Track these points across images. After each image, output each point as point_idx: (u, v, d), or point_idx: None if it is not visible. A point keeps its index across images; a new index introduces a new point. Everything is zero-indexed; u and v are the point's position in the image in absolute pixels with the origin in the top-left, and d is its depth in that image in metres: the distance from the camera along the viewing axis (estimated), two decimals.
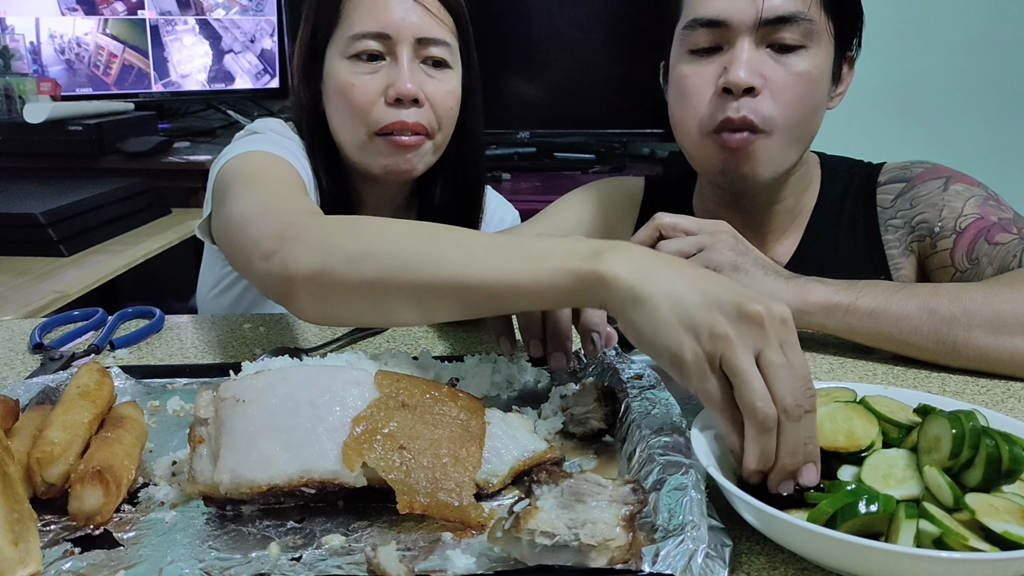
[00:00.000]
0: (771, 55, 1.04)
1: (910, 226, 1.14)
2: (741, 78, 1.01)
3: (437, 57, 1.18)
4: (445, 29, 1.19)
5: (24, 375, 0.92)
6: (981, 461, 0.58)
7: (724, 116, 1.04)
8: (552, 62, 2.78)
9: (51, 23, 2.75)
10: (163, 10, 2.94)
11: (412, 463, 0.60)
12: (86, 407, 0.67)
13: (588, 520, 0.52)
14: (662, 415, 0.68)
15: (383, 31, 1.15)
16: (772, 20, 1.02)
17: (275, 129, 1.23)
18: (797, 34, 1.03)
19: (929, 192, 1.13)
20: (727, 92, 1.04)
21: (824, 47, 1.06)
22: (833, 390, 0.71)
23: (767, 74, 1.03)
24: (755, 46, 1.03)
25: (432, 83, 1.18)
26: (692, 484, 0.57)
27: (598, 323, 0.79)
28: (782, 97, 1.04)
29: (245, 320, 1.14)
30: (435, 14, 1.18)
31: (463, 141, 1.30)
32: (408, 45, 1.16)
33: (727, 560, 0.52)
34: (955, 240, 1.09)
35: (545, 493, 0.55)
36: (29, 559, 0.52)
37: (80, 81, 2.82)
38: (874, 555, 0.50)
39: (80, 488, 0.59)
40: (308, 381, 0.65)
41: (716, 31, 1.05)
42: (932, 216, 1.12)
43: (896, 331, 0.91)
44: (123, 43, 2.89)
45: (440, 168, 1.29)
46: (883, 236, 1.16)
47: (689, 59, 1.09)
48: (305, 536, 0.58)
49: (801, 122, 1.07)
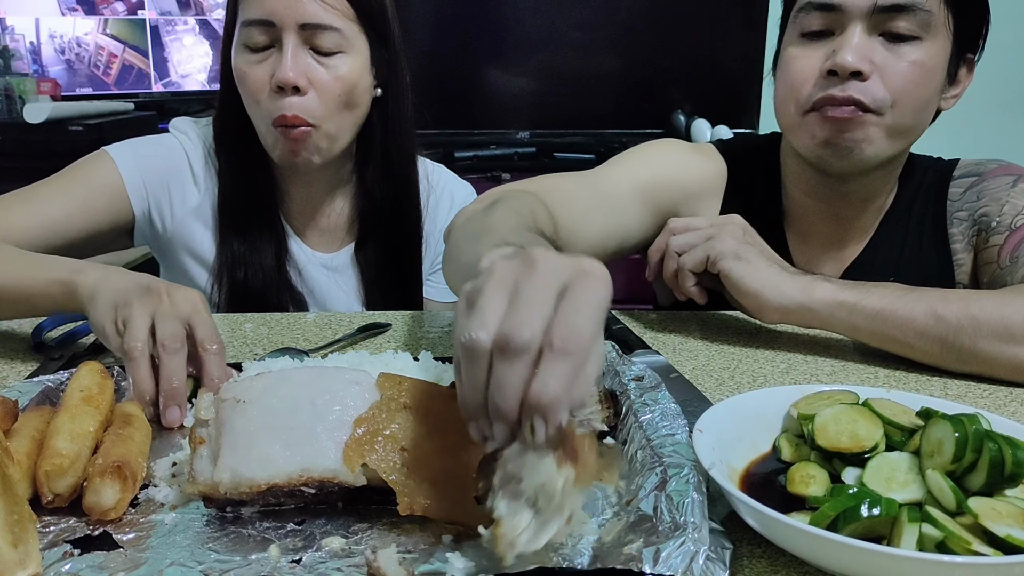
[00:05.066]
0: (883, 43, 1.01)
1: (972, 219, 1.12)
2: (849, 61, 0.99)
3: (325, 44, 1.17)
4: (335, 14, 1.17)
5: (24, 374, 0.92)
6: (984, 465, 0.58)
7: (825, 94, 1.02)
8: (552, 62, 2.78)
9: (51, 23, 2.75)
10: (163, 10, 2.94)
11: (413, 465, 0.59)
12: (91, 414, 0.66)
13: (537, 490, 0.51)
14: (663, 417, 0.68)
15: (266, 18, 1.16)
16: (888, 7, 0.99)
17: (178, 127, 1.32)
18: (913, 24, 1.00)
19: (997, 187, 1.11)
20: (832, 75, 1.01)
21: (940, 41, 1.03)
22: (836, 392, 0.71)
23: (877, 61, 1.01)
24: (867, 33, 1.01)
25: (319, 70, 1.18)
26: (693, 486, 0.57)
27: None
28: (892, 83, 1.01)
29: (247, 320, 1.14)
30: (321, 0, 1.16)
31: (387, 123, 1.30)
32: (292, 32, 1.16)
33: (728, 563, 0.52)
34: (1007, 237, 1.06)
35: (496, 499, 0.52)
36: (28, 561, 0.52)
37: (80, 81, 2.82)
38: (877, 559, 0.50)
39: (99, 482, 0.59)
40: (308, 381, 0.65)
41: (829, 15, 1.03)
42: (994, 210, 1.09)
43: (901, 334, 0.91)
44: (123, 43, 2.89)
45: (370, 152, 1.30)
46: (949, 230, 1.14)
47: (800, 42, 1.07)
48: (305, 538, 0.58)
49: (911, 112, 1.04)
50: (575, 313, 0.50)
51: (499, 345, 0.49)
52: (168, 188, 1.28)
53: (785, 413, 0.70)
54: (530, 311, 0.50)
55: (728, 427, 0.66)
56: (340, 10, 1.18)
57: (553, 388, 0.49)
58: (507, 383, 0.49)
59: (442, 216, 1.40)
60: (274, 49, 1.18)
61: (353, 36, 1.20)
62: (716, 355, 0.99)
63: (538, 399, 0.49)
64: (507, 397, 0.49)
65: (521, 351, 0.49)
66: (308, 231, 1.35)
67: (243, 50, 1.20)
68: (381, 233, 1.34)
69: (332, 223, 1.35)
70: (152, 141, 1.31)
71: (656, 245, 0.99)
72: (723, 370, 0.94)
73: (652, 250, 0.98)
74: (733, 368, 0.94)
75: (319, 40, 1.17)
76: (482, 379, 0.50)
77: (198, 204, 1.29)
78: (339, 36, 1.18)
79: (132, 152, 1.27)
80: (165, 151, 1.29)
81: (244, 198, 1.28)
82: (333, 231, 1.36)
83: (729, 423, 0.66)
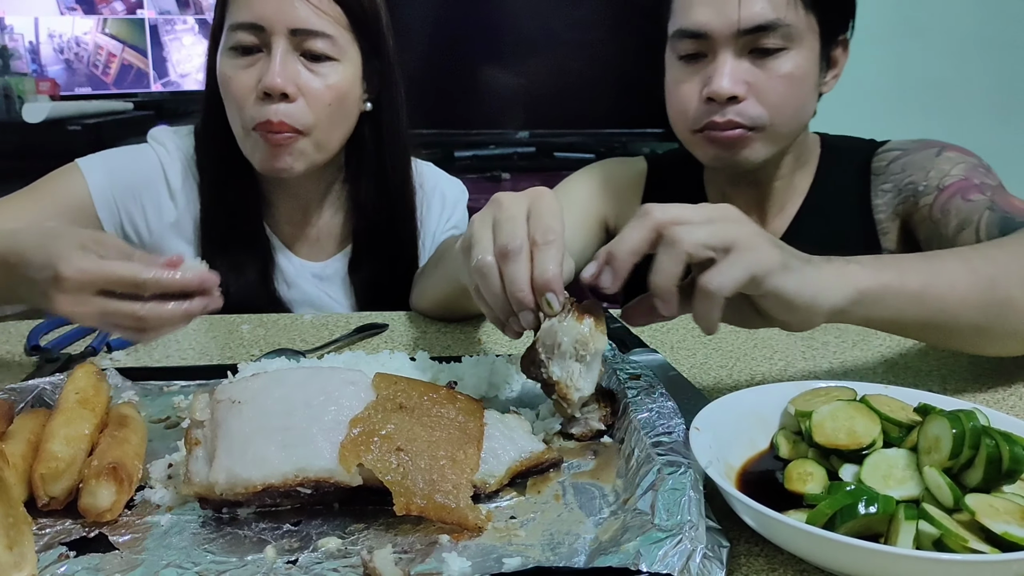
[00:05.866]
0: (753, 61, 1.08)
1: (898, 188, 1.17)
2: (724, 88, 1.07)
3: (316, 50, 1.14)
4: (327, 20, 1.14)
5: (20, 377, 0.91)
6: (981, 461, 0.58)
7: (709, 120, 1.10)
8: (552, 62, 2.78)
9: (50, 23, 2.75)
10: (162, 9, 2.94)
11: (409, 465, 0.59)
12: (86, 417, 0.66)
13: (573, 343, 0.70)
14: (660, 415, 0.68)
15: (256, 21, 1.13)
16: (751, 29, 1.06)
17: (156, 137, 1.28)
18: (778, 38, 1.07)
19: (922, 159, 1.16)
20: (711, 100, 1.09)
21: (807, 45, 1.10)
22: (833, 389, 0.70)
23: (750, 80, 1.08)
24: (736, 55, 1.08)
25: (309, 76, 1.14)
26: (690, 484, 0.57)
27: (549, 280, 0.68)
28: (768, 99, 1.08)
29: (243, 321, 1.14)
30: (314, 4, 1.13)
31: (382, 137, 1.26)
32: (283, 36, 1.12)
33: (724, 561, 0.52)
34: (936, 196, 1.11)
35: (550, 368, 0.71)
36: (24, 563, 0.52)
37: (79, 81, 2.82)
38: (873, 557, 0.50)
39: (95, 484, 0.59)
40: (303, 382, 0.65)
41: (699, 41, 1.10)
42: (919, 178, 1.14)
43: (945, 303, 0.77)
44: (122, 42, 2.89)
45: (363, 167, 1.27)
46: (873, 201, 1.19)
47: (679, 65, 1.14)
48: (301, 539, 0.58)
49: (790, 118, 1.12)
50: (544, 217, 0.68)
51: (501, 255, 0.68)
52: (141, 202, 1.25)
53: (783, 410, 0.70)
54: (512, 227, 0.68)
55: (725, 425, 0.66)
56: (333, 16, 1.15)
57: (551, 267, 0.67)
58: (517, 277, 0.67)
59: (434, 217, 1.38)
60: (262, 54, 1.14)
61: (346, 44, 1.17)
62: (714, 353, 0.99)
63: (543, 278, 0.67)
64: (522, 286, 0.67)
65: (518, 252, 0.67)
66: (297, 242, 1.32)
67: (230, 54, 1.16)
68: (375, 250, 1.31)
69: (321, 232, 1.32)
70: (126, 153, 1.27)
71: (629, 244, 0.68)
72: (720, 368, 0.94)
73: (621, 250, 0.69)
74: (731, 366, 0.94)
75: (310, 46, 1.14)
76: (498, 286, 0.68)
77: (176, 219, 1.26)
78: (331, 43, 1.15)
79: (104, 165, 1.23)
80: (138, 164, 1.25)
81: (227, 212, 1.25)
82: (323, 240, 1.33)
83: (726, 421, 0.66)
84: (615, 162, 1.41)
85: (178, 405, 0.81)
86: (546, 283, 0.67)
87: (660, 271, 0.68)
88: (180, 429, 0.76)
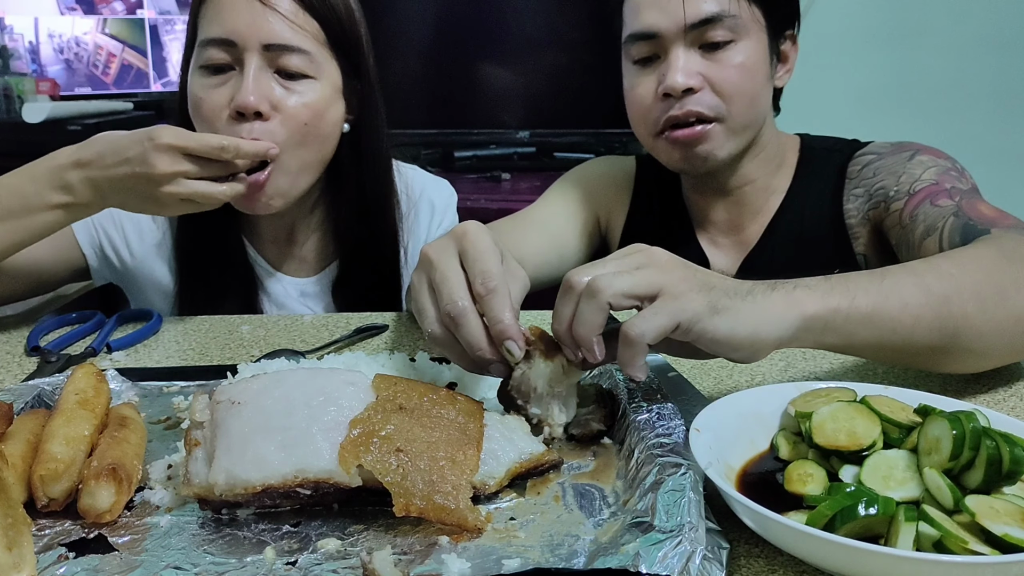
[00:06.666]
0: (704, 55, 1.11)
1: (868, 194, 1.17)
2: (678, 82, 1.09)
3: (291, 67, 1.08)
4: (303, 35, 1.08)
5: (20, 377, 0.92)
6: (981, 463, 0.58)
7: (668, 115, 1.12)
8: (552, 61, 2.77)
9: (50, 23, 2.75)
10: (162, 9, 2.94)
11: (409, 466, 0.59)
12: (86, 418, 0.66)
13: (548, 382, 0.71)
14: (660, 416, 0.68)
15: (227, 37, 1.06)
16: (698, 23, 1.09)
17: None
18: (725, 31, 1.10)
19: (893, 163, 1.16)
20: (668, 96, 1.11)
21: (755, 37, 1.13)
22: (833, 390, 0.70)
23: (703, 72, 1.11)
24: (687, 50, 1.11)
25: (283, 94, 1.08)
26: (690, 485, 0.57)
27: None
28: (723, 89, 1.11)
29: (243, 322, 1.14)
30: (289, 19, 1.07)
31: (362, 161, 1.20)
32: (256, 53, 1.06)
33: (724, 562, 0.52)
34: (906, 201, 1.11)
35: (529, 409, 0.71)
36: (23, 564, 0.52)
37: (79, 81, 2.82)
38: (873, 559, 0.50)
39: (95, 485, 0.59)
40: (303, 383, 0.65)
41: (651, 42, 1.13)
42: (890, 183, 1.14)
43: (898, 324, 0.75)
44: (122, 42, 2.89)
45: (342, 191, 1.23)
46: (845, 206, 1.20)
47: (634, 70, 1.18)
48: (301, 540, 0.58)
49: (746, 108, 1.14)
50: (477, 261, 0.68)
51: (449, 322, 0.68)
52: (122, 225, 1.22)
53: (783, 411, 0.70)
54: (450, 288, 0.68)
55: (725, 426, 0.66)
56: (309, 31, 1.09)
57: (503, 317, 0.67)
58: (472, 340, 0.67)
59: (423, 224, 1.35)
60: (235, 72, 1.07)
61: (323, 61, 1.11)
62: None
63: (496, 329, 0.67)
64: (480, 345, 0.68)
65: (463, 314, 0.67)
66: (283, 261, 1.29)
67: (200, 73, 1.09)
68: (360, 267, 1.28)
69: (307, 251, 1.30)
70: None
71: (565, 321, 0.69)
72: (720, 368, 0.94)
73: (564, 331, 0.70)
74: (731, 367, 0.94)
75: (284, 63, 1.07)
76: (460, 350, 0.69)
77: (159, 241, 1.23)
78: (307, 59, 1.08)
79: None
80: None
81: (205, 241, 1.21)
82: (308, 259, 1.30)
83: (726, 422, 0.66)
84: (605, 160, 1.43)
85: (178, 406, 0.81)
86: (500, 334, 0.67)
87: (582, 322, 0.67)
88: (180, 430, 0.76)
